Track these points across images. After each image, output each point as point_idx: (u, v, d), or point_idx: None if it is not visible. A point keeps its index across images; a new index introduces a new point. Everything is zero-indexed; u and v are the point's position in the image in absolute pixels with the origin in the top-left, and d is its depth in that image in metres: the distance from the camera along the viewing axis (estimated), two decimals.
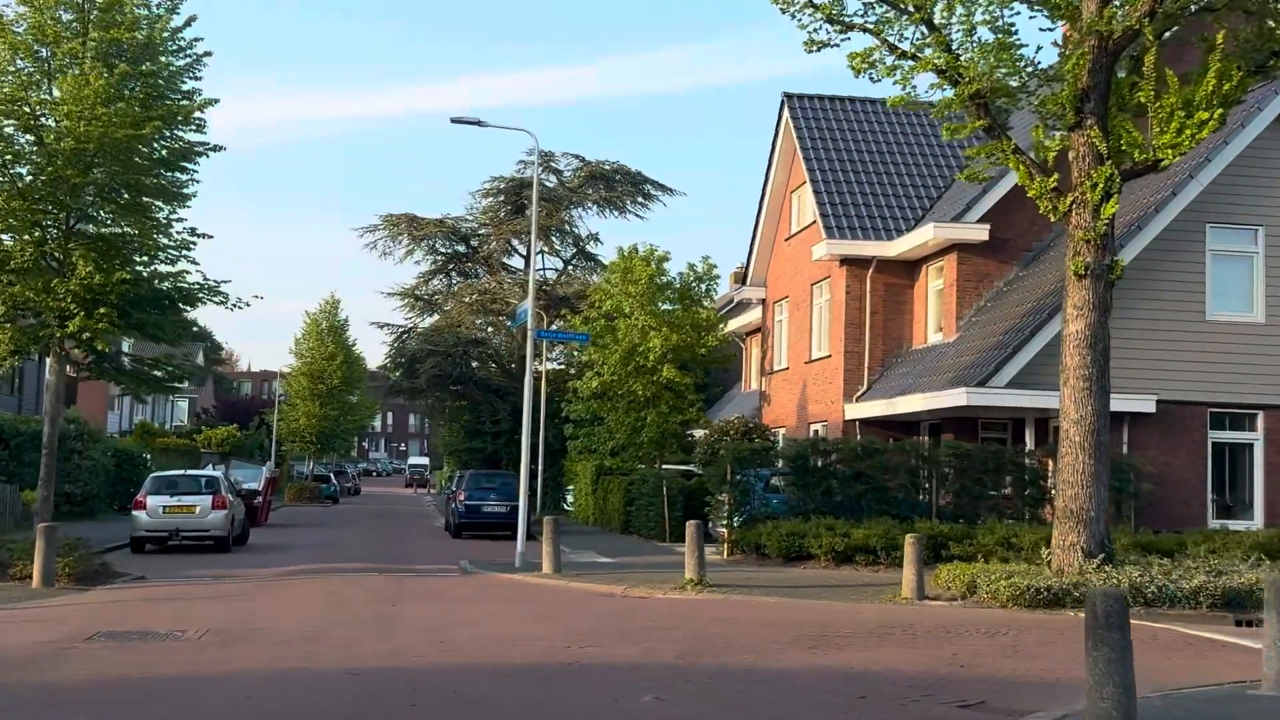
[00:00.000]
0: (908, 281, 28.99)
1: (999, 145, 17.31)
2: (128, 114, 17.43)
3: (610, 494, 33.41)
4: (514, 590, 17.38)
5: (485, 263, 49.61)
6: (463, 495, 31.76)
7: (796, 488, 22.85)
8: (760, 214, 35.01)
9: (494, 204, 49.35)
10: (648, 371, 33.76)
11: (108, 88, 17.07)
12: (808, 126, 31.77)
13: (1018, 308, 24.81)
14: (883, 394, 27.15)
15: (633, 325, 34.83)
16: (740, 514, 22.71)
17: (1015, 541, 20.37)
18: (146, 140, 17.91)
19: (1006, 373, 22.72)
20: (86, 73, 17.28)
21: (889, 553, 20.42)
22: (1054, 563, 16.39)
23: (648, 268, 34.67)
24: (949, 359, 25.56)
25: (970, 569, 16.53)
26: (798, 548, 20.96)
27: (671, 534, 28.51)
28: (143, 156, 18.13)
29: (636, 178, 49.16)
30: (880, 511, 22.49)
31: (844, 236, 28.74)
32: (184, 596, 16.30)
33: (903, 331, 28.93)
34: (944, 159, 31.22)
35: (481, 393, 46.17)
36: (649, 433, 33.83)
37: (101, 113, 17.12)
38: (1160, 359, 23.35)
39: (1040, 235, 27.29)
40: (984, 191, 26.70)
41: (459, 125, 20.69)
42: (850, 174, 30.54)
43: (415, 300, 50.04)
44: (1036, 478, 22.90)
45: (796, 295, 32.62)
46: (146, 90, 17.96)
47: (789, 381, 32.96)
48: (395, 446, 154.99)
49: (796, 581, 18.36)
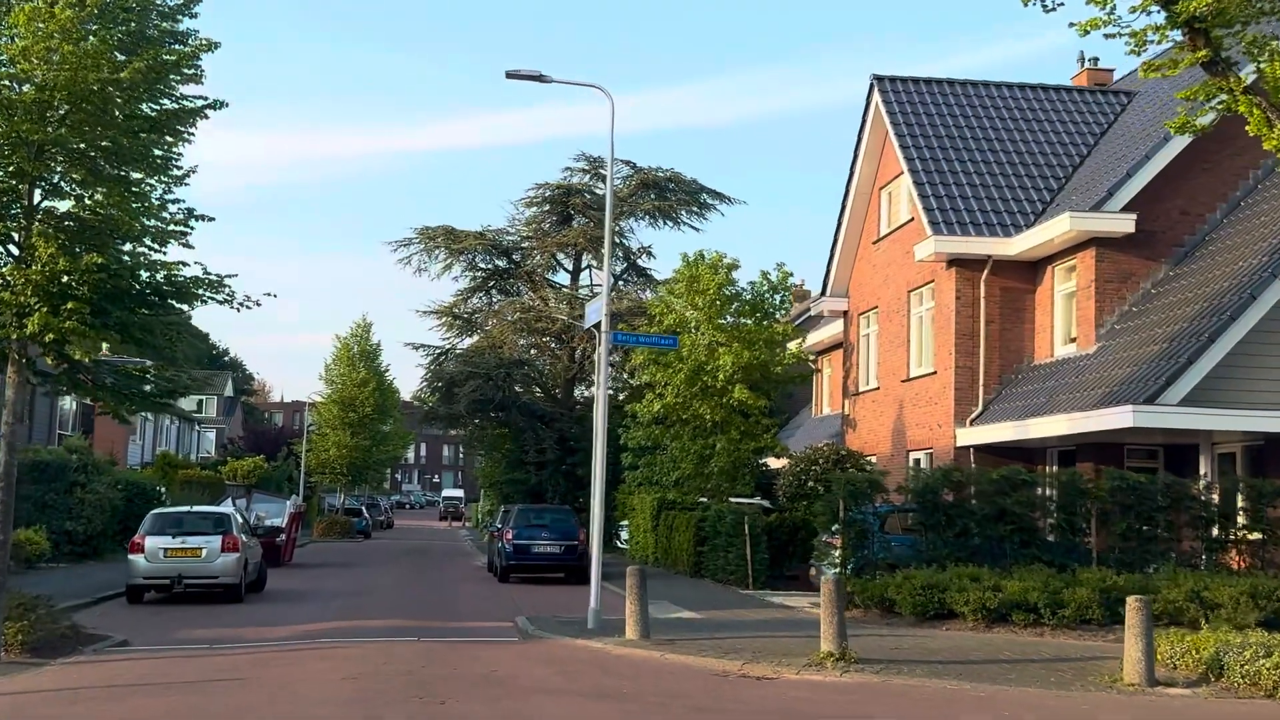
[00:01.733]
0: (1028, 285, 24.89)
1: (1223, 83, 13.25)
2: (102, 55, 13.67)
3: (677, 531, 29.35)
4: (597, 668, 13.25)
5: (528, 278, 45.79)
6: (510, 534, 27.78)
7: (926, 529, 18.74)
8: (843, 216, 31.03)
9: (538, 214, 45.58)
10: (716, 393, 29.78)
11: (75, 20, 13.30)
12: (901, 111, 27.81)
13: (1179, 310, 20.67)
14: (1006, 415, 23.02)
15: (699, 341, 30.89)
16: (855, 559, 18.61)
17: (1209, 597, 16.25)
18: (127, 91, 14.13)
19: (1180, 388, 18.59)
20: (48, 2, 13.58)
21: (1053, 611, 16.30)
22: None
23: (716, 276, 30.70)
24: (1092, 373, 21.43)
25: (1204, 640, 12.43)
26: (936, 603, 16.86)
27: (755, 580, 24.44)
28: (123, 111, 14.36)
29: (691, 186, 45.31)
30: (1029, 558, 18.39)
31: (952, 233, 24.70)
32: (157, 679, 12.34)
33: (1022, 344, 24.82)
34: (1062, 145, 27.17)
35: (525, 419, 42.20)
36: (719, 461, 29.81)
37: (69, 52, 13.37)
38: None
39: (1193, 228, 23.16)
40: (1127, 176, 22.65)
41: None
42: (955, 163, 26.52)
43: (453, 319, 46.25)
44: (1218, 516, 18.67)
45: (889, 305, 28.58)
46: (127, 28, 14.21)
47: (880, 403, 28.87)
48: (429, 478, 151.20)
49: (955, 651, 14.26)
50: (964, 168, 26.40)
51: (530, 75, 16.65)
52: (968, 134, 27.38)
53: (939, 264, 25.34)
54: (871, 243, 29.92)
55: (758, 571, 24.40)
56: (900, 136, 27.12)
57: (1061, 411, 20.85)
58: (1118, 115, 28.00)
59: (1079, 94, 29.01)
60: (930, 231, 24.85)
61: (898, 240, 28.10)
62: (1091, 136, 27.46)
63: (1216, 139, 23.01)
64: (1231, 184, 23.17)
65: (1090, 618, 16.26)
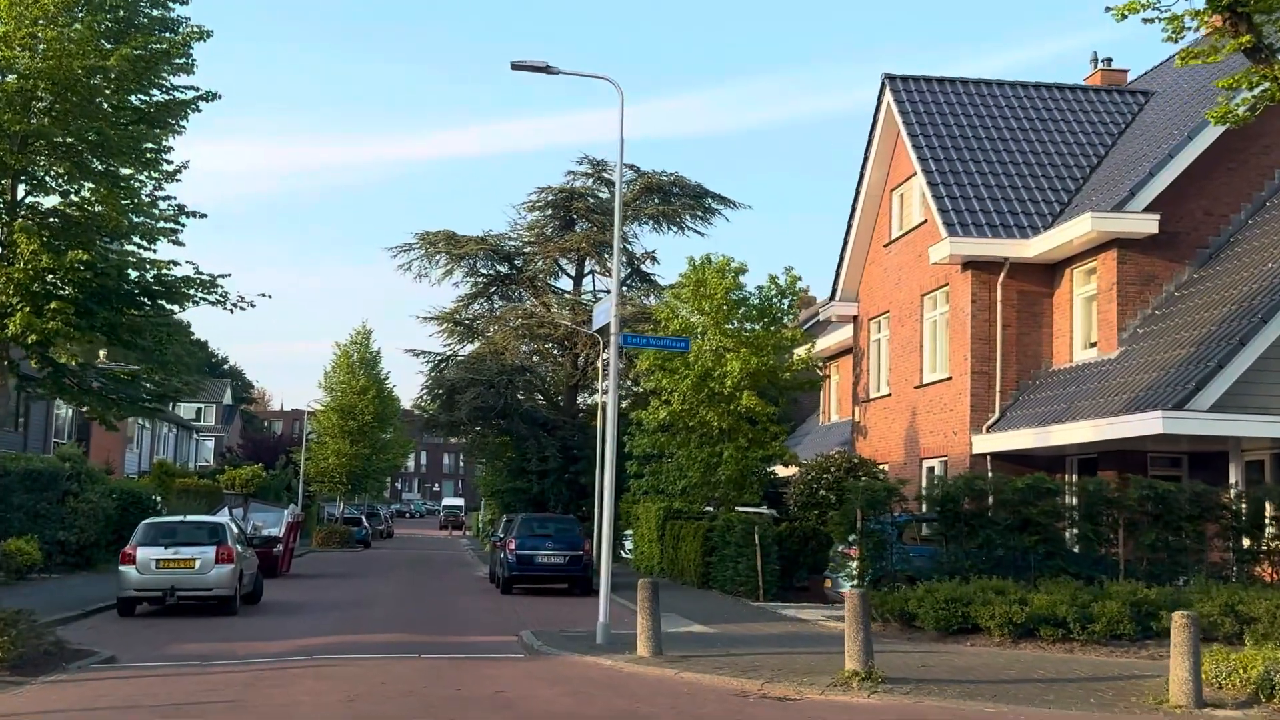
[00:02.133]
0: (1045, 289, 24.21)
1: (1266, 70, 12.60)
2: (89, 42, 13.01)
3: (684, 541, 28.63)
4: (610, 689, 12.46)
5: (530, 284, 45.14)
6: (514, 544, 27.04)
7: (946, 539, 18.02)
8: (852, 219, 30.37)
9: (540, 219, 44.96)
10: (723, 399, 29.10)
11: (61, 5, 12.65)
12: (914, 110, 27.15)
13: (1207, 313, 19.99)
14: (1025, 422, 22.33)
15: (706, 347, 30.21)
16: (873, 571, 17.90)
17: (1244, 610, 15.54)
18: (115, 80, 13.46)
19: (1210, 393, 17.91)
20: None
21: (1083, 625, 15.60)
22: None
23: (723, 281, 30.02)
24: (1116, 378, 20.74)
25: (1251, 658, 11.73)
26: (960, 617, 16.14)
27: (766, 591, 23.73)
28: (111, 102, 13.68)
29: (696, 190, 44.72)
30: (1054, 569, 17.68)
31: (967, 235, 24.01)
32: (142, 701, 11.55)
33: (1040, 348, 24.14)
34: (1079, 145, 26.52)
35: (527, 426, 41.47)
36: (726, 470, 29.11)
37: (53, 38, 12.71)
38: None
39: (1217, 228, 22.50)
40: (1150, 175, 21.98)
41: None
42: (969, 164, 25.86)
43: (454, 325, 45.60)
44: (1250, 526, 17.97)
45: (901, 309, 27.90)
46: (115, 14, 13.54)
47: (892, 410, 28.18)
48: (429, 487, 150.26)
49: (985, 670, 13.55)
50: (979, 168, 25.74)
51: (536, 66, 15.99)
52: (981, 134, 26.73)
53: (954, 267, 24.68)
54: (883, 246, 29.26)
55: (768, 583, 23.71)
56: (913, 136, 26.47)
57: (1085, 418, 20.16)
58: (1135, 115, 27.35)
59: (1095, 93, 28.36)
60: (945, 233, 24.18)
61: (910, 243, 27.44)
62: (1109, 137, 26.81)
63: (1242, 136, 22.43)
64: (1256, 184, 22.51)
65: (1121, 632, 15.57)
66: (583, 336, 41.31)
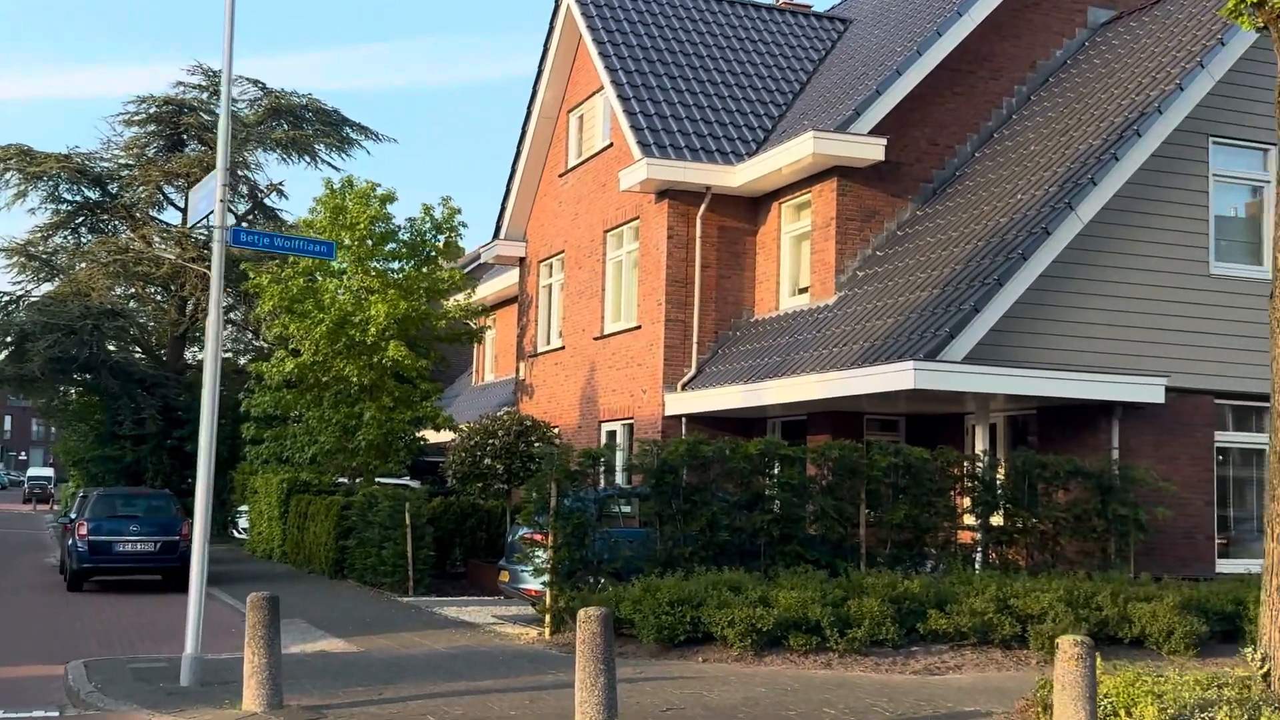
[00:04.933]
0: (749, 225, 21.00)
1: None
2: None
3: (313, 520, 23.48)
4: None
5: (128, 214, 37.76)
6: (85, 527, 20.91)
7: (661, 520, 14.11)
8: (521, 145, 26.11)
9: (140, 136, 37.64)
10: (365, 351, 24.22)
11: None
12: (599, 15, 23.19)
13: (947, 250, 17.23)
14: (729, 378, 18.98)
15: (346, 287, 25.14)
16: (569, 562, 13.73)
17: (1020, 606, 12.67)
18: None
19: (966, 340, 15.03)
20: None
21: (841, 631, 12.17)
22: (1276, 671, 8.62)
23: (366, 209, 25.04)
24: (840, 326, 17.68)
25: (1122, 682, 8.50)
26: (689, 624, 12.28)
27: (418, 583, 19.20)
28: None
29: (333, 116, 38.98)
30: (790, 556, 14.24)
31: (665, 157, 20.35)
32: None
33: (741, 294, 20.93)
34: (779, 69, 23.48)
35: (119, 383, 34.41)
36: (367, 434, 24.23)
37: None
38: (1165, 327, 16.39)
39: (942, 161, 19.96)
40: (877, 93, 19.07)
41: None
42: (664, 78, 22.21)
43: (27, 260, 37.58)
44: (1001, 501, 15.27)
45: (579, 249, 23.97)
46: None
47: (565, 366, 24.27)
48: (14, 455, 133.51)
49: (759, 710, 9.71)
50: (674, 84, 22.15)
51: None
52: (675, 48, 23.14)
53: (647, 197, 21.00)
54: (558, 175, 25.20)
55: (420, 573, 19.18)
56: (599, 43, 22.50)
57: (807, 372, 16.94)
58: (835, 42, 24.69)
59: (793, 15, 25.47)
60: (639, 154, 20.39)
61: (591, 170, 23.54)
62: (810, 63, 23.97)
63: (972, 58, 20.05)
64: (984, 113, 20.15)
65: (884, 637, 12.29)
66: (191, 277, 34.81)
